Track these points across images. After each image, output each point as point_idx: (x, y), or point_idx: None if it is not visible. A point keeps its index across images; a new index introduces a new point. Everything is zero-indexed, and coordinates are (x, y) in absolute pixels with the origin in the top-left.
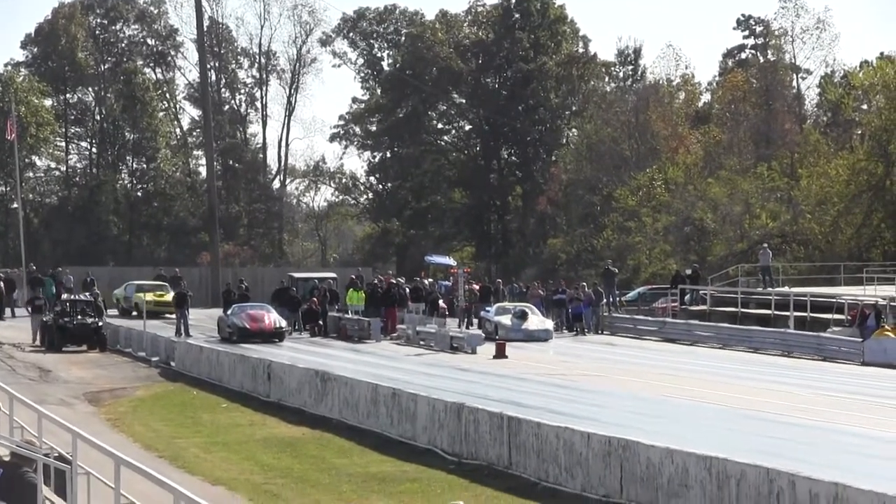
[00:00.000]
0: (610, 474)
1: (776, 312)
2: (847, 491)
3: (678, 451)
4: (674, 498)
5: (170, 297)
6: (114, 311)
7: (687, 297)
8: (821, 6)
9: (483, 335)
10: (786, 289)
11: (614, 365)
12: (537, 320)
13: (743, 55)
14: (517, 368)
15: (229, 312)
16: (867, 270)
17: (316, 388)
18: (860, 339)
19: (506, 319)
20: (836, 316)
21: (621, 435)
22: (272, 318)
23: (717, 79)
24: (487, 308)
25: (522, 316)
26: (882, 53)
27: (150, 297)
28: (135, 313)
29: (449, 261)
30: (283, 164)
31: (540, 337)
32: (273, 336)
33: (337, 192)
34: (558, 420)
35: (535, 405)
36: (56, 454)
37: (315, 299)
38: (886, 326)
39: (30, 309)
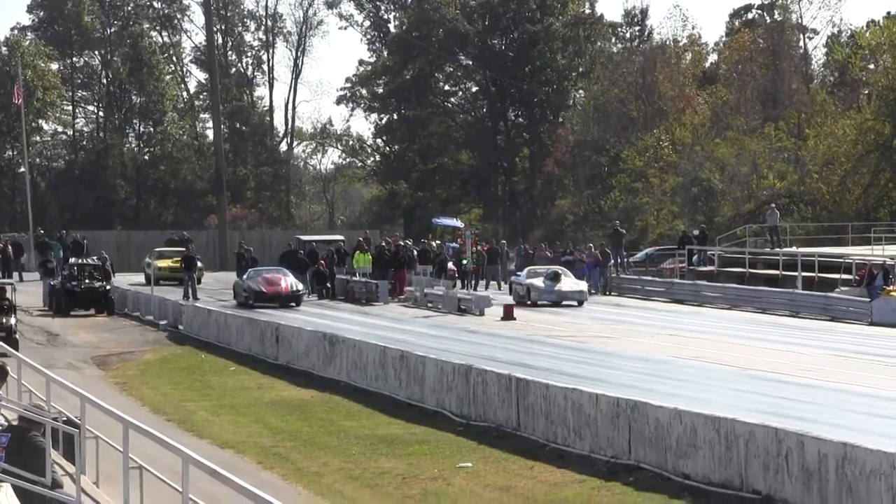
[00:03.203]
0: (618, 435)
1: (784, 273)
2: (855, 451)
3: (686, 412)
4: (682, 458)
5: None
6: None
7: (695, 258)
8: None
9: (491, 297)
10: (793, 249)
11: (622, 326)
12: (570, 282)
13: (750, 15)
14: (525, 330)
15: (245, 277)
16: (875, 230)
17: (324, 350)
18: (868, 299)
19: (538, 282)
20: (844, 276)
21: (630, 396)
22: (289, 281)
23: (724, 39)
24: (518, 272)
25: (555, 277)
26: (889, 13)
27: (165, 263)
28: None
29: (456, 223)
30: (290, 126)
31: (574, 298)
32: (290, 300)
33: (344, 155)
34: (567, 381)
35: (544, 367)
36: (64, 418)
37: (323, 261)
38: (892, 287)
39: (42, 272)
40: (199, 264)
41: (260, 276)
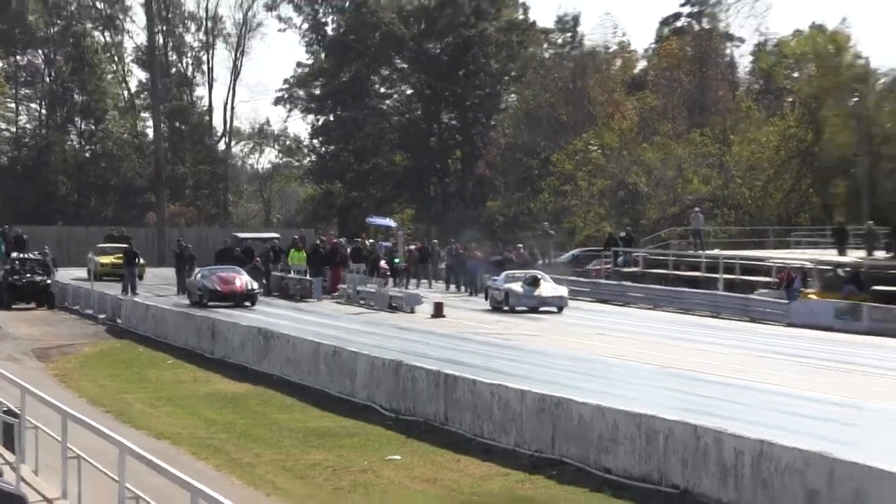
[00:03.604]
0: (543, 430)
1: (706, 275)
2: (771, 448)
3: (608, 409)
4: (604, 453)
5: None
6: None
7: (620, 259)
8: None
9: (421, 295)
10: (716, 252)
11: (549, 324)
12: (550, 287)
13: (679, 23)
14: (456, 328)
15: (199, 275)
16: (795, 234)
17: (258, 345)
18: (786, 301)
19: (517, 287)
20: (764, 278)
21: (555, 393)
22: (244, 280)
23: (653, 46)
24: (494, 277)
25: (534, 282)
26: (814, 22)
27: (107, 258)
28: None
29: (389, 222)
30: (228, 126)
31: (554, 304)
32: (245, 299)
33: (281, 155)
34: (495, 378)
35: (473, 363)
36: (4, 409)
37: (258, 259)
38: (809, 290)
39: None
40: (140, 261)
41: (214, 274)
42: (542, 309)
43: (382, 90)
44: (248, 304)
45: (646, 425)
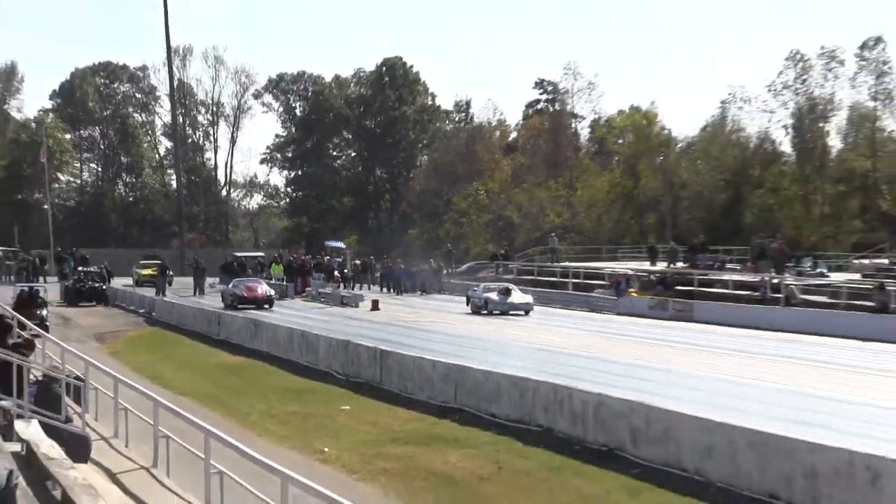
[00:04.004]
0: (448, 388)
1: (560, 279)
2: (608, 399)
3: (494, 373)
4: (491, 404)
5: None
6: (128, 281)
7: (500, 269)
8: (591, 73)
9: (363, 295)
10: (567, 263)
11: (450, 314)
12: (518, 295)
13: (539, 106)
14: (386, 318)
15: (231, 285)
16: (620, 251)
17: (251, 330)
18: (616, 297)
19: (494, 295)
20: (600, 282)
21: (456, 361)
22: (264, 289)
23: (521, 122)
24: (475, 287)
25: (507, 292)
26: (632, 105)
27: (146, 271)
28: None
29: (340, 245)
30: (228, 178)
31: (522, 308)
32: (264, 303)
33: (265, 198)
34: (413, 351)
35: (398, 341)
36: (74, 375)
37: (249, 270)
38: (632, 289)
39: (59, 276)
40: (169, 272)
41: (242, 284)
42: (521, 312)
43: (335, 153)
44: (266, 306)
45: (519, 384)
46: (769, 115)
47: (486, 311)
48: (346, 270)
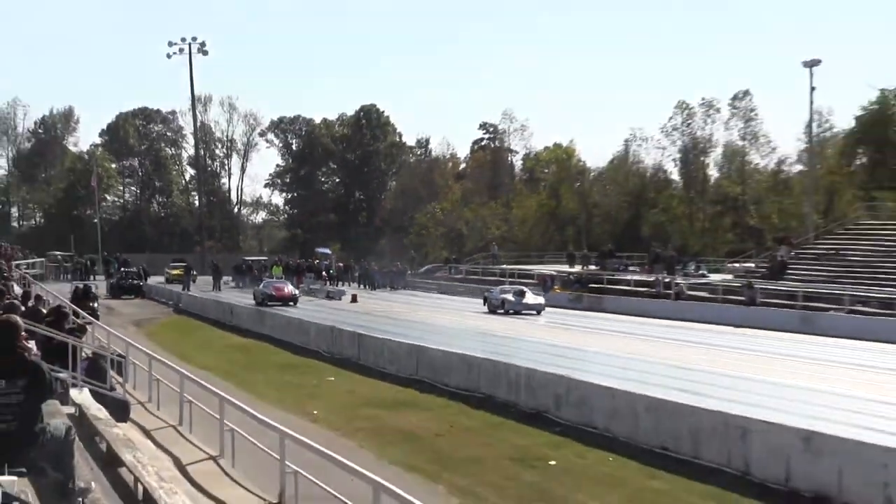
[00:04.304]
0: (411, 363)
1: (499, 278)
2: (536, 373)
3: (448, 351)
4: (445, 376)
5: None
6: (160, 279)
7: (452, 270)
8: (524, 117)
9: (345, 291)
10: (504, 266)
11: (412, 306)
12: (532, 296)
13: (483, 143)
14: (365, 309)
15: (262, 286)
16: (546, 257)
17: (257, 318)
18: (544, 293)
19: (510, 297)
20: (532, 281)
21: (419, 343)
22: (289, 289)
23: (468, 155)
24: (492, 289)
25: (521, 294)
26: (555, 142)
27: (175, 271)
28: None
29: (328, 251)
30: (239, 199)
31: (534, 308)
32: (290, 300)
33: (268, 214)
34: (384, 335)
35: (373, 326)
36: (118, 352)
37: (255, 271)
38: (556, 286)
39: (106, 275)
40: (193, 272)
41: (271, 285)
42: (524, 312)
43: (323, 179)
44: (291, 304)
45: (468, 360)
46: (662, 151)
47: (502, 311)
48: (331, 271)
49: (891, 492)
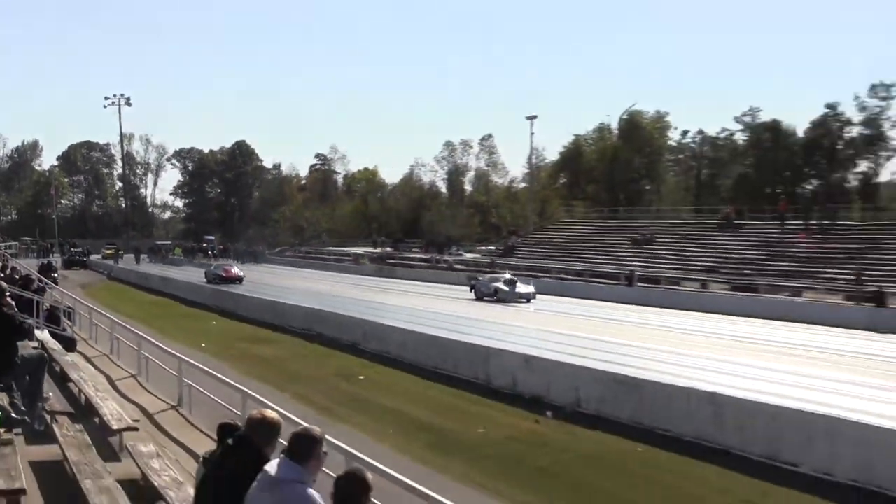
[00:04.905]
0: (267, 312)
1: (326, 256)
2: (346, 318)
3: (293, 304)
4: (292, 320)
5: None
6: (98, 256)
7: (297, 251)
8: (344, 148)
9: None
10: (331, 248)
11: (276, 276)
12: (523, 286)
13: (317, 166)
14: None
15: (212, 267)
16: (359, 242)
17: (166, 283)
18: (357, 265)
19: (503, 286)
20: (347, 257)
21: (274, 299)
22: (235, 270)
23: (307, 174)
24: (479, 278)
25: (513, 283)
26: (366, 167)
27: (108, 251)
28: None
29: (213, 238)
30: (153, 203)
31: (526, 297)
32: (236, 280)
33: (172, 213)
34: (254, 294)
35: (247, 289)
36: (68, 305)
37: (163, 251)
38: (364, 260)
39: (60, 254)
40: (121, 252)
41: (221, 268)
42: (524, 301)
43: (209, 191)
44: (237, 283)
45: (304, 310)
46: (435, 173)
47: (494, 299)
48: (215, 251)
49: (580, 394)
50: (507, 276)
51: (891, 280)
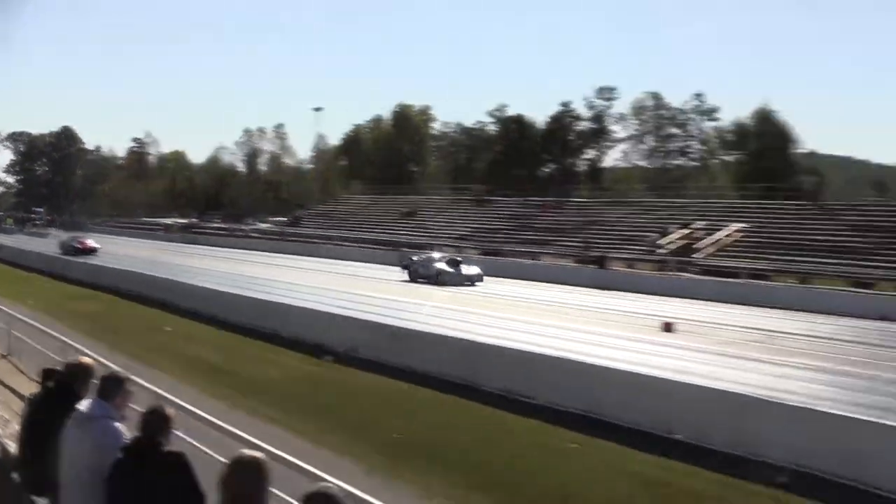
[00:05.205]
0: (93, 274)
1: (141, 224)
2: (157, 279)
3: (105, 266)
4: (130, 284)
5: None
6: None
7: (118, 223)
8: (159, 134)
9: (50, 232)
10: (142, 219)
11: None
12: (467, 267)
13: (135, 148)
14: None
15: (69, 238)
16: (170, 214)
17: (20, 254)
18: (165, 234)
19: (446, 267)
20: (159, 227)
21: (96, 263)
22: (90, 242)
23: (125, 156)
24: (415, 258)
25: (456, 264)
26: (174, 149)
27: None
28: None
29: (41, 210)
30: None
31: (475, 279)
32: (91, 251)
33: (5, 189)
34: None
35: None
36: None
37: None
38: (177, 230)
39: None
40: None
41: (76, 239)
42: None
43: (37, 168)
44: (92, 254)
45: (118, 271)
46: (235, 155)
47: (436, 283)
48: (42, 221)
49: (293, 329)
50: (448, 255)
51: (611, 247)
